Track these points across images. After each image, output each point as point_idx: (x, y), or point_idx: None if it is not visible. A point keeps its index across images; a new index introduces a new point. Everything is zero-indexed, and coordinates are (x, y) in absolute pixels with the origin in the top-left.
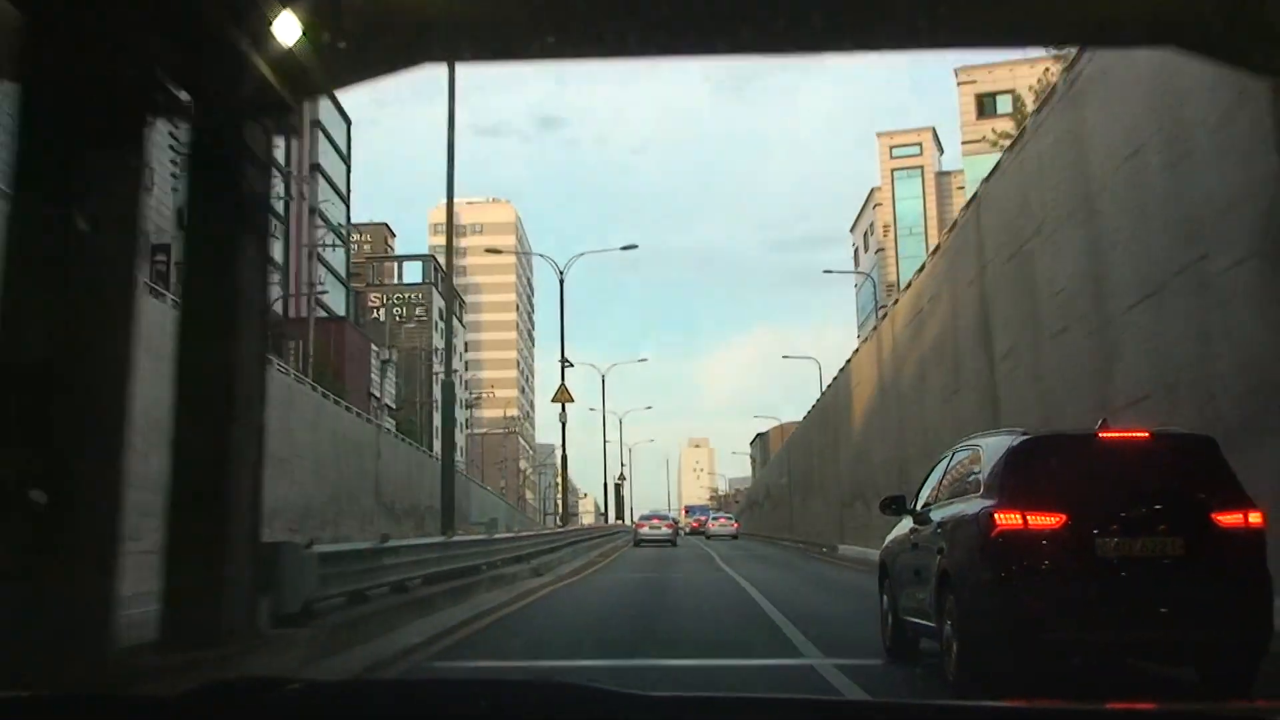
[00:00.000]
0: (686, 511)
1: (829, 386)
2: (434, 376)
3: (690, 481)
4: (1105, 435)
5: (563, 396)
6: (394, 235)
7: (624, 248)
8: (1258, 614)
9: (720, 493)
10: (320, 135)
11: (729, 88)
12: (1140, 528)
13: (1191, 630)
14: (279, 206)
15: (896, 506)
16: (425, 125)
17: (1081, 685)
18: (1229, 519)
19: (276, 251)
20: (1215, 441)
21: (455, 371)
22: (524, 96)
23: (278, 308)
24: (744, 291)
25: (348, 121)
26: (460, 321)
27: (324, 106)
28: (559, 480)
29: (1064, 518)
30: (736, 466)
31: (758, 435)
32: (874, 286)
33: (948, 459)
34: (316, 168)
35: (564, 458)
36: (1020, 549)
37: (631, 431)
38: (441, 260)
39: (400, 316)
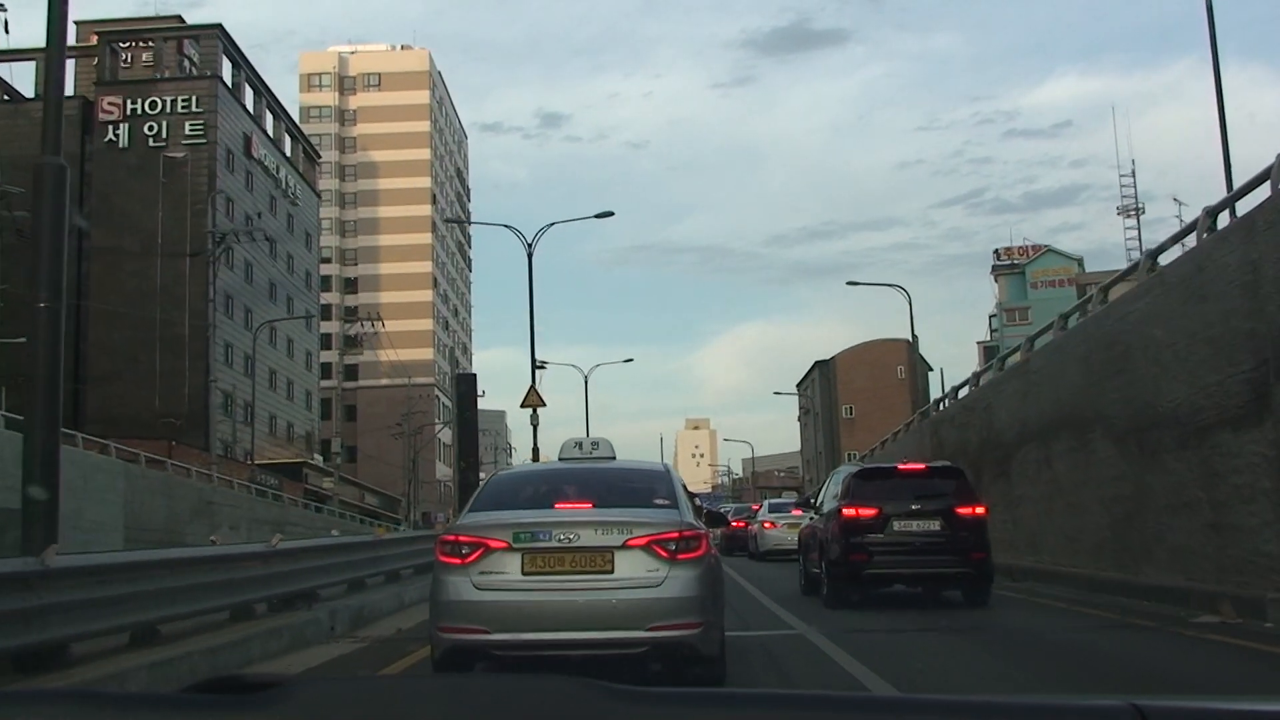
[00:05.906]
0: None
1: None
2: (215, 251)
3: (689, 467)
4: (902, 466)
5: (533, 400)
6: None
7: (599, 215)
8: (984, 563)
9: (732, 475)
10: None
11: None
12: (916, 515)
13: (948, 570)
14: None
15: (807, 503)
16: None
17: (897, 601)
18: (965, 510)
19: None
20: (963, 469)
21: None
22: (524, 93)
23: None
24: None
25: None
26: (314, 190)
27: None
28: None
29: (877, 510)
30: (770, 441)
31: (816, 365)
32: None
33: (831, 477)
34: None
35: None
36: (854, 527)
37: (621, 427)
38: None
39: (156, 134)
